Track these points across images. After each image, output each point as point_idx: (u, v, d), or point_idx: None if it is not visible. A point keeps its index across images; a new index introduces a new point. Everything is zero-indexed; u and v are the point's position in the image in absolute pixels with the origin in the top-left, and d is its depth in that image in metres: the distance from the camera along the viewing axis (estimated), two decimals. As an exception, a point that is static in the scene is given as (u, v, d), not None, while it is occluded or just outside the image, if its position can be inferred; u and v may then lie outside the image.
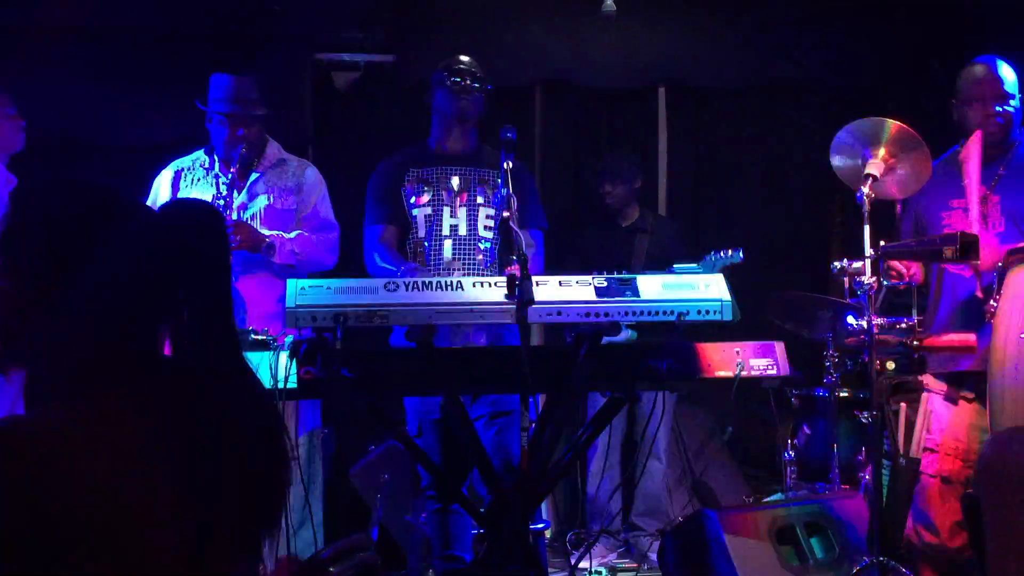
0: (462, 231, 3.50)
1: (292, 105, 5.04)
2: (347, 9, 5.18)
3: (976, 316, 3.22)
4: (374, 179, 3.64)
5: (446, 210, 3.51)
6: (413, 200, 3.53)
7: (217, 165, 3.72)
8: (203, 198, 3.65)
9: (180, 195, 3.74)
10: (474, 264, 3.49)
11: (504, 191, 2.95)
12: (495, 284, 2.70)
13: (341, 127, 5.32)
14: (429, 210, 3.51)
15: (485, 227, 3.51)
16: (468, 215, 3.51)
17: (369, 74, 5.38)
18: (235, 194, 3.69)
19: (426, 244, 3.50)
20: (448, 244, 3.49)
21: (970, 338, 3.27)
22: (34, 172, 4.15)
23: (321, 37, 5.23)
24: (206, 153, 3.80)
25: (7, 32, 4.76)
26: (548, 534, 4.49)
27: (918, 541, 3.36)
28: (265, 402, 1.45)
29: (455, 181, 3.54)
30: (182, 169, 3.80)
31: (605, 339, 2.78)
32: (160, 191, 3.77)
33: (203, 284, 1.36)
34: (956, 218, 3.38)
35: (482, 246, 3.51)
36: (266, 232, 3.63)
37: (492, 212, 3.50)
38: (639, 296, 2.72)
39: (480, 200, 3.53)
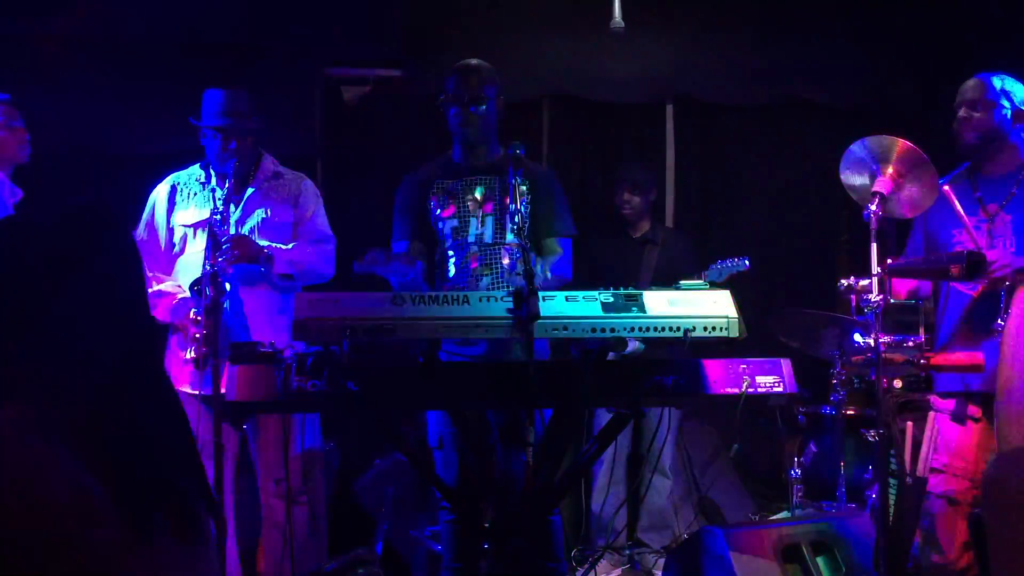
0: (487, 239, 3.53)
1: (301, 119, 5.06)
2: (357, 23, 5.20)
3: (983, 332, 3.21)
4: (399, 195, 3.67)
5: (472, 220, 3.54)
6: (439, 212, 3.57)
7: (214, 179, 3.72)
8: (201, 214, 3.67)
9: (176, 209, 3.76)
10: (500, 271, 3.51)
11: (512, 207, 2.94)
12: (501, 299, 2.70)
13: (350, 141, 5.33)
14: (456, 222, 3.55)
15: (511, 233, 3.52)
16: (494, 223, 3.53)
17: (378, 88, 5.40)
18: (232, 208, 3.69)
19: (452, 254, 3.53)
20: (474, 253, 3.51)
21: (977, 356, 3.24)
22: (46, 182, 4.19)
23: (330, 51, 5.25)
24: (202, 168, 3.80)
25: (16, 42, 4.80)
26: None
27: (925, 562, 3.34)
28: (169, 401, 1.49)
29: (479, 191, 3.57)
30: (178, 183, 3.81)
31: (612, 354, 2.78)
32: (157, 204, 3.79)
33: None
34: (966, 238, 3.35)
35: (507, 254, 3.52)
36: (264, 243, 3.64)
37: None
38: (645, 312, 2.72)
39: (505, 208, 3.53)
